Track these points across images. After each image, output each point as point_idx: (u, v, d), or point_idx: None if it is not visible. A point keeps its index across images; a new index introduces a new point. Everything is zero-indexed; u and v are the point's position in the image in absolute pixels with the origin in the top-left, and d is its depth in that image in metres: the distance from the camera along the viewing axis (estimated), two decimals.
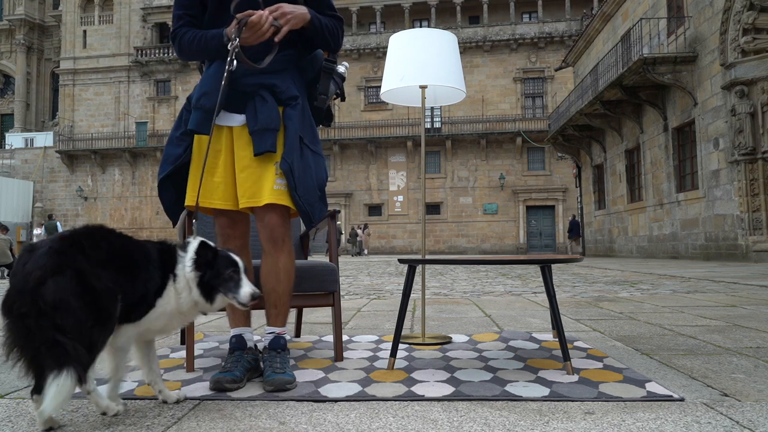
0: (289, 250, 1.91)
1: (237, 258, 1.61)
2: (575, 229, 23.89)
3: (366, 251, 29.27)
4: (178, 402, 1.65)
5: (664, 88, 14.89)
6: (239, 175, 1.86)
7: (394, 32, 2.82)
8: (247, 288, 1.59)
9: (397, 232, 32.29)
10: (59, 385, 1.24)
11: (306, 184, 1.83)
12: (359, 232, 28.12)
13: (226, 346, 2.58)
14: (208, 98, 1.83)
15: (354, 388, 1.78)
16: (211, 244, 1.61)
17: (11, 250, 11.13)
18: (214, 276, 1.56)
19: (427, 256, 2.40)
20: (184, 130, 1.90)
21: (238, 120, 1.87)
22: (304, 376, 1.94)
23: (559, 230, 31.42)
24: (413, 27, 33.73)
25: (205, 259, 1.56)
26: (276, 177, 1.82)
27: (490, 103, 33.13)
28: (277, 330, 1.92)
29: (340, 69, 2.00)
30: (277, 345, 1.89)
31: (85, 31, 37.71)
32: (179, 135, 1.90)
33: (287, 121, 1.85)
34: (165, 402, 1.65)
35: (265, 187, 1.82)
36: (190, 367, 2.07)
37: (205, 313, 1.65)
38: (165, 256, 1.55)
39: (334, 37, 1.92)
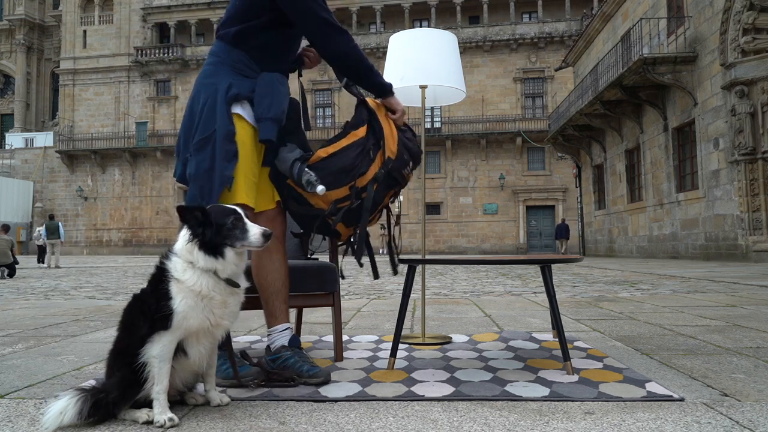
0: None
1: (233, 207, 1.54)
2: (559, 232, 25.26)
3: (383, 251, 29.13)
4: (219, 405, 1.62)
5: (664, 88, 14.89)
6: (263, 177, 1.95)
7: (394, 32, 2.82)
8: (255, 229, 1.50)
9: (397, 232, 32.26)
10: None
11: None
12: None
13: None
14: (282, 114, 1.90)
15: (354, 388, 1.78)
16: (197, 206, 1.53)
17: (12, 250, 11.13)
18: (214, 233, 1.48)
19: (427, 256, 2.40)
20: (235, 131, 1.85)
21: None
22: None
23: None
24: (413, 27, 33.73)
25: (195, 220, 1.49)
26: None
27: (490, 103, 33.13)
28: (288, 324, 2.00)
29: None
30: (298, 342, 1.97)
31: (85, 31, 37.73)
32: (234, 131, 1.84)
33: None
34: (207, 403, 1.63)
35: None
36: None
37: (236, 284, 1.54)
38: (155, 273, 1.53)
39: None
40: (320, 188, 1.83)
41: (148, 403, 1.48)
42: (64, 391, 1.52)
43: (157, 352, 1.46)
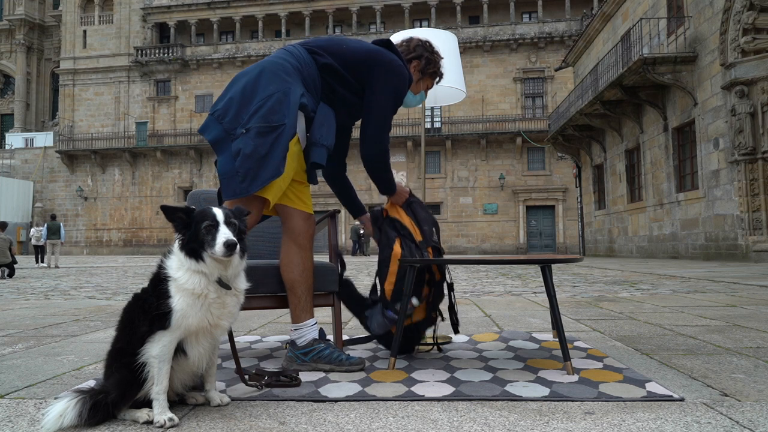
0: None
1: (215, 210, 1.50)
2: None
3: None
4: (219, 405, 1.62)
5: (664, 88, 14.89)
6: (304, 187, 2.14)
7: (394, 32, 2.82)
8: (221, 238, 1.44)
9: None
10: None
11: None
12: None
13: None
14: (332, 145, 2.07)
15: (354, 388, 1.78)
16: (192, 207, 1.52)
17: (11, 249, 11.12)
18: (192, 237, 1.48)
19: None
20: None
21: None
22: (305, 376, 1.95)
23: (559, 230, 31.41)
24: (413, 27, 33.72)
25: (180, 221, 1.48)
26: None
27: (490, 103, 33.13)
28: (315, 319, 2.15)
29: None
30: (325, 334, 2.15)
31: (85, 31, 37.73)
32: (295, 134, 1.97)
33: None
34: (207, 403, 1.63)
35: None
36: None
37: (228, 286, 1.52)
38: (156, 272, 1.53)
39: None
40: (414, 301, 2.13)
41: (147, 403, 1.48)
42: (63, 391, 1.52)
43: (157, 352, 1.46)
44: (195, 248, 1.48)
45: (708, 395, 1.68)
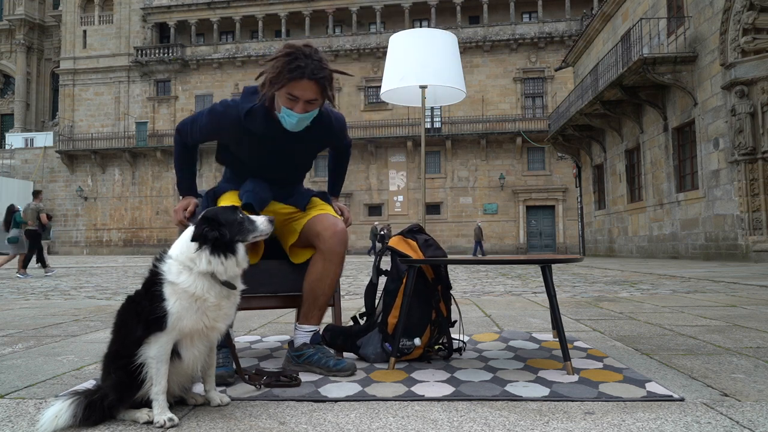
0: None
1: (228, 206, 1.58)
2: None
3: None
4: (219, 405, 1.62)
5: (664, 88, 14.89)
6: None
7: (394, 32, 2.82)
8: (260, 218, 1.57)
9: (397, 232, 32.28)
10: None
11: None
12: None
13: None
14: (264, 197, 2.11)
15: (354, 388, 1.78)
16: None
17: (39, 218, 11.23)
18: (232, 232, 1.51)
19: None
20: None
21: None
22: (305, 376, 1.94)
23: (559, 230, 31.41)
24: (413, 27, 33.71)
25: (206, 226, 1.49)
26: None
27: (490, 103, 33.13)
28: (316, 328, 2.13)
29: None
30: (319, 339, 2.12)
31: (85, 31, 37.74)
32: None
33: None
34: (207, 403, 1.63)
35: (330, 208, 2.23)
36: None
37: (233, 286, 1.54)
38: (149, 276, 1.53)
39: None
40: (417, 340, 2.16)
41: (146, 403, 1.48)
42: (64, 391, 1.52)
43: (154, 352, 1.46)
44: (230, 241, 1.51)
45: (708, 395, 1.68)
